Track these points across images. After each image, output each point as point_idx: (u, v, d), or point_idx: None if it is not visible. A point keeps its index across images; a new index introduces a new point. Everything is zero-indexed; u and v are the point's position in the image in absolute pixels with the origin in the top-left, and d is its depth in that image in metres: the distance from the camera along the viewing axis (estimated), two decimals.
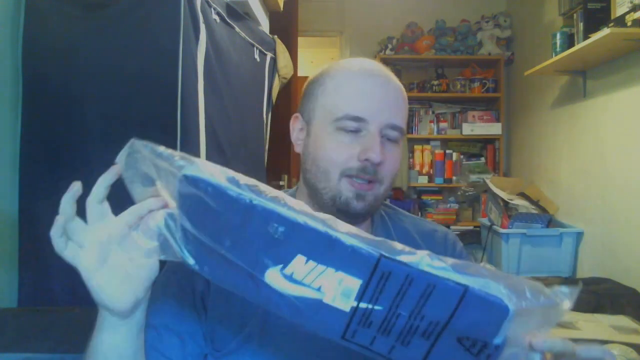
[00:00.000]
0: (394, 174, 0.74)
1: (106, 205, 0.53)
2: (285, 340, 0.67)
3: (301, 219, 0.46)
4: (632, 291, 2.03)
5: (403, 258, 0.45)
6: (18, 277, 1.41)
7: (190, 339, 0.68)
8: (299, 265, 0.46)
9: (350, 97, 0.71)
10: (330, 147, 0.71)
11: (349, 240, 0.45)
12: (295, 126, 0.78)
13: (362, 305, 0.46)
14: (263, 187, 0.47)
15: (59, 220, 0.50)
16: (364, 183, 0.71)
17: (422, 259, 0.45)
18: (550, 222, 2.76)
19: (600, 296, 1.96)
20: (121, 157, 0.51)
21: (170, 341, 0.67)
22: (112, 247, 0.51)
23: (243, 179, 0.47)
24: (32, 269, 1.41)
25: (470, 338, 0.45)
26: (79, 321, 1.10)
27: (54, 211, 0.49)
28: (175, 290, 0.70)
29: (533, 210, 2.84)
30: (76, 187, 0.50)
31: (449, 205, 3.75)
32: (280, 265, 0.46)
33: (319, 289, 0.46)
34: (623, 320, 1.67)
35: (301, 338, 0.65)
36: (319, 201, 0.74)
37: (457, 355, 0.46)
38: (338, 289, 0.46)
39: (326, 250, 0.46)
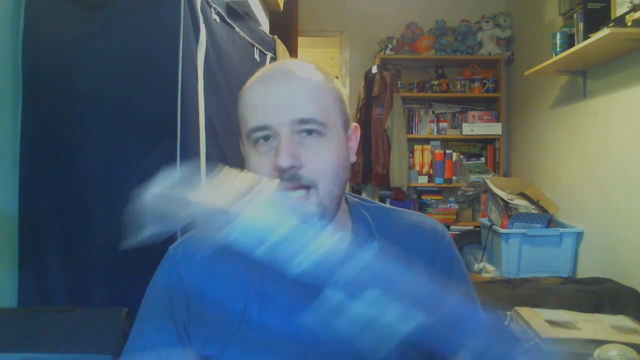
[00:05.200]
0: (329, 169, 0.66)
1: None
2: (268, 356, 0.68)
3: None
4: (632, 291, 2.03)
5: None
6: (18, 277, 1.41)
7: None
8: None
9: (250, 107, 0.68)
10: (252, 164, 0.68)
11: None
12: None
13: None
14: None
15: None
16: (299, 196, 0.65)
17: None
18: (550, 222, 2.76)
19: (600, 296, 1.96)
20: None
21: None
22: None
23: None
24: (32, 269, 1.40)
25: None
26: (79, 321, 1.10)
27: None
28: (159, 325, 0.70)
29: (533, 210, 2.84)
30: None
31: (449, 205, 3.75)
32: None
33: None
34: (623, 320, 1.67)
35: (287, 353, 0.66)
36: None
37: None
38: None
39: None
